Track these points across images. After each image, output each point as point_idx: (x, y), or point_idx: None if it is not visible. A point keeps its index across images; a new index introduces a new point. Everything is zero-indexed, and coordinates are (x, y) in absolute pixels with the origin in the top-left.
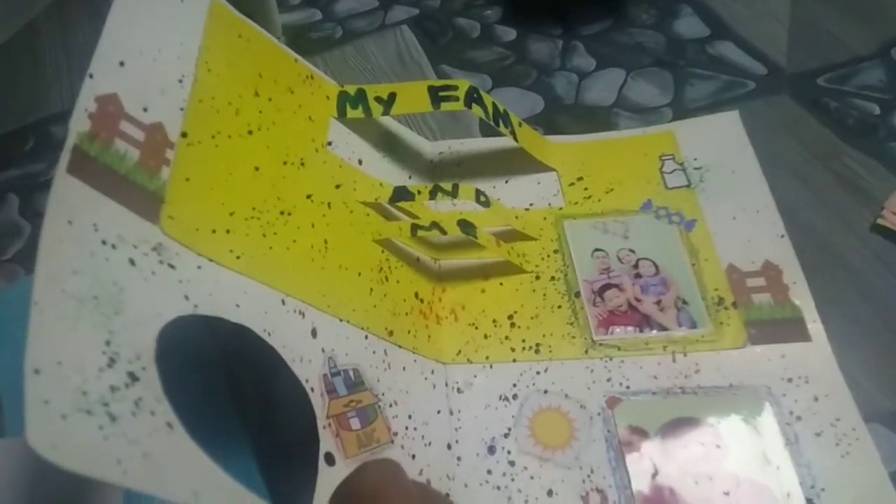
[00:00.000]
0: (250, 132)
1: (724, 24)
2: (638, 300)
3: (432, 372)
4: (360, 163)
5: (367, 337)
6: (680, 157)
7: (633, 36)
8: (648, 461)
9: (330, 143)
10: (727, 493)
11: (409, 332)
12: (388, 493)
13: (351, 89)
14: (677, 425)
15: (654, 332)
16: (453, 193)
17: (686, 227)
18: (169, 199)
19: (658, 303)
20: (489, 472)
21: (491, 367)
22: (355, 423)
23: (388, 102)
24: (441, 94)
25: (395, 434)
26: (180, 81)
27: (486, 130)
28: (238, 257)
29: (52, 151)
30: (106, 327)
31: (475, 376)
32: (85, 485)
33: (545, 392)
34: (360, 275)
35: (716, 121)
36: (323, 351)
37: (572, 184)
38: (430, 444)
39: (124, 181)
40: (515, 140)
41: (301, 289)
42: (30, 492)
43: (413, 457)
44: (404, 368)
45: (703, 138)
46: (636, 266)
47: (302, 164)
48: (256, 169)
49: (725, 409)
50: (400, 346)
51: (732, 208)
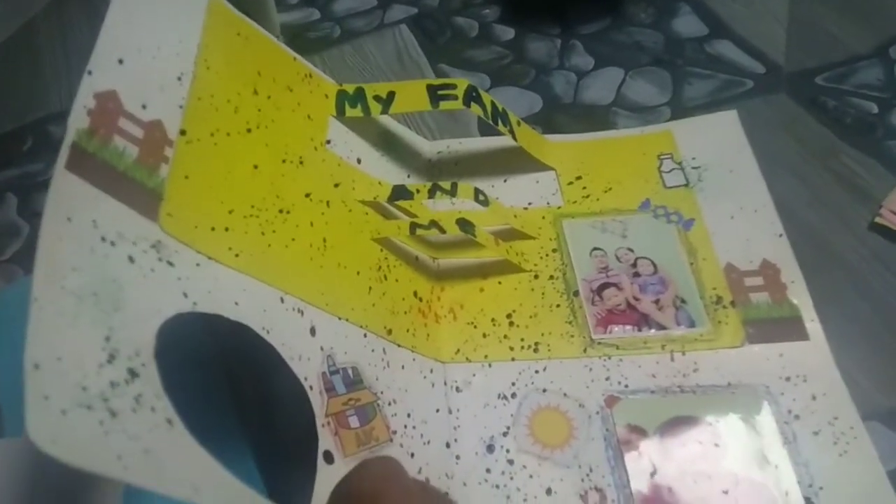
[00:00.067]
0: (249, 130)
1: (723, 23)
2: (636, 299)
3: (431, 371)
4: (359, 161)
5: (365, 335)
6: (678, 157)
7: (631, 35)
8: (647, 460)
9: (329, 142)
10: (726, 492)
11: (407, 331)
12: (388, 491)
13: (350, 88)
14: (676, 424)
15: (653, 330)
16: (452, 192)
17: (684, 227)
18: (168, 196)
19: (656, 302)
20: (488, 470)
21: (490, 365)
22: (354, 422)
23: (387, 101)
24: (440, 92)
25: (394, 432)
26: (179, 79)
27: (485, 130)
28: (237, 255)
29: (50, 151)
30: (105, 323)
31: (474, 375)
32: (84, 485)
33: (544, 391)
34: (358, 273)
35: (714, 120)
36: (322, 349)
37: (571, 183)
38: (428, 442)
39: (123, 178)
40: (514, 139)
41: (300, 287)
42: (29, 492)
43: (412, 455)
44: (403, 367)
45: (701, 138)
46: (635, 265)
47: (301, 163)
48: (255, 167)
49: (724, 408)
50: (399, 345)
51: (731, 207)
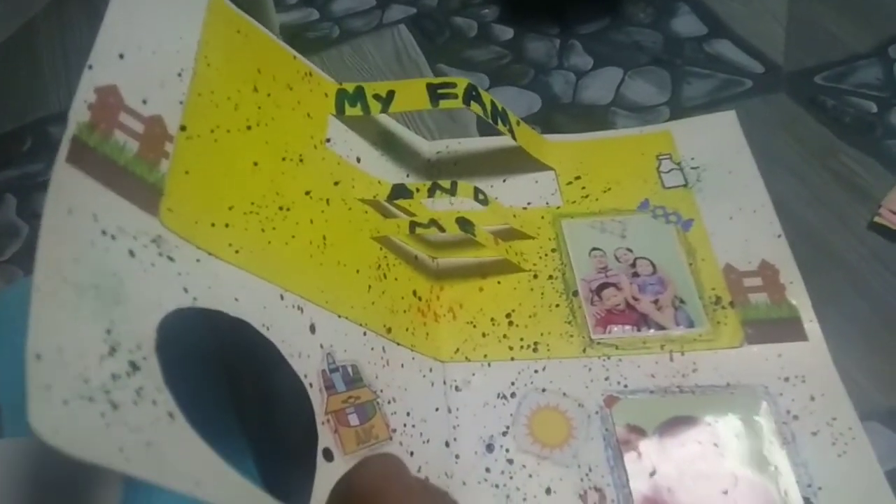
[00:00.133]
0: (249, 127)
1: (722, 23)
2: (635, 299)
3: (430, 370)
4: (359, 160)
5: (365, 333)
6: (677, 157)
7: (630, 35)
8: (646, 460)
9: (328, 140)
10: (725, 492)
11: (407, 330)
12: (390, 489)
13: (349, 87)
14: (675, 424)
15: (652, 331)
16: (452, 191)
17: (683, 227)
18: (168, 191)
19: (655, 302)
20: (487, 470)
21: (489, 365)
22: (354, 420)
23: (387, 100)
24: (440, 91)
25: (394, 431)
26: (179, 75)
27: (484, 130)
28: (237, 251)
29: (50, 151)
30: (106, 316)
31: (473, 374)
32: (83, 484)
33: (543, 390)
34: (358, 272)
35: (713, 120)
36: (321, 346)
37: (570, 183)
38: (428, 441)
39: (123, 172)
40: (514, 138)
41: (299, 284)
42: (29, 492)
43: (411, 454)
44: (402, 366)
45: (700, 138)
46: (634, 265)
47: (300, 161)
48: (255, 164)
49: (723, 408)
50: (398, 344)
51: (729, 208)
